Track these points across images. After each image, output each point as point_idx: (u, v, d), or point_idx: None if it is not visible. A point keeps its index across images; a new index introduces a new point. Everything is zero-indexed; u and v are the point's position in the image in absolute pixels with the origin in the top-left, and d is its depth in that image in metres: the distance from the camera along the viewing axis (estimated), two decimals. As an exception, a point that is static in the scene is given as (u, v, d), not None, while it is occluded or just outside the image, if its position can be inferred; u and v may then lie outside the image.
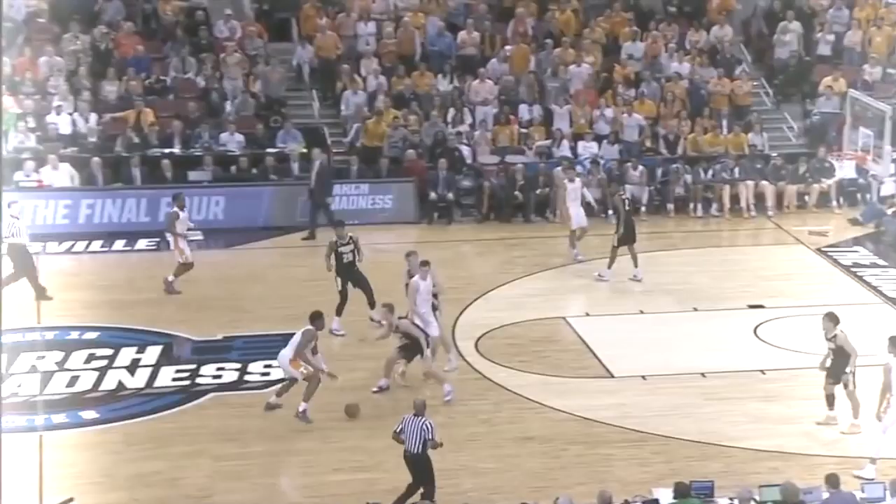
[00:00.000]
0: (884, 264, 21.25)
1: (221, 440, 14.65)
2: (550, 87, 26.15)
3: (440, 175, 23.82)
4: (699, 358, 16.92)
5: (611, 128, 25.42)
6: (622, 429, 14.85)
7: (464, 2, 27.87)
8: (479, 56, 26.74)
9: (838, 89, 25.94)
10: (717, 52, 27.22)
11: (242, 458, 14.21)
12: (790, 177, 24.54)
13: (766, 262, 21.32)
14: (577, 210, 20.68)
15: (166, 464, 14.01)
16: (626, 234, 19.78)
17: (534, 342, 17.58)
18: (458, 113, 25.41)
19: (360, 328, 17.61)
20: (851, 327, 15.20)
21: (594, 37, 27.17)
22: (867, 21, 27.71)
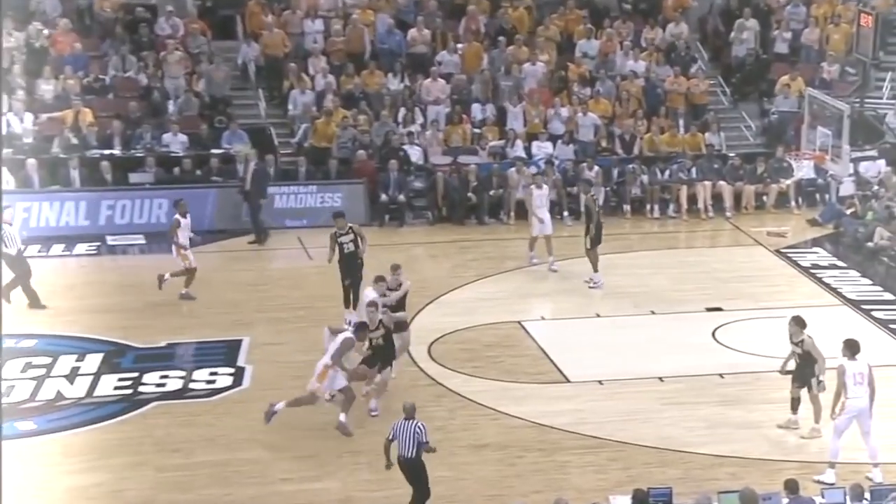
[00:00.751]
0: (843, 266, 21.53)
1: (165, 450, 14.56)
2: (504, 86, 26.24)
3: (391, 176, 23.83)
4: (657, 362, 17.05)
5: (566, 127, 25.56)
6: (579, 435, 14.92)
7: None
8: (430, 54, 26.79)
9: (796, 88, 26.25)
10: (672, 50, 27.45)
11: (187, 468, 14.13)
12: (748, 177, 24.80)
13: (725, 264, 21.52)
14: (543, 216, 20.64)
15: (108, 476, 13.90)
16: (598, 236, 19.85)
17: (488, 347, 17.63)
18: (409, 112, 25.44)
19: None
20: (811, 329, 15.38)
21: (548, 34, 27.32)
22: (825, 18, 28.08)
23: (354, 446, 14.74)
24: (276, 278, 20.74)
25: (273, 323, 18.58)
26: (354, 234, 17.97)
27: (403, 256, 21.53)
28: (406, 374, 16.51)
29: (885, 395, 15.81)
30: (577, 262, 21.22)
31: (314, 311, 19.01)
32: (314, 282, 20.37)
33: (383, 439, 12.91)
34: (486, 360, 17.16)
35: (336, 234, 17.99)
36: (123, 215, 22.90)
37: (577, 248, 22.13)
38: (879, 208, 22.77)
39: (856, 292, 20.07)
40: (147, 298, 19.32)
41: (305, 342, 17.74)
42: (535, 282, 20.39)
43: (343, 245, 17.91)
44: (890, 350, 17.75)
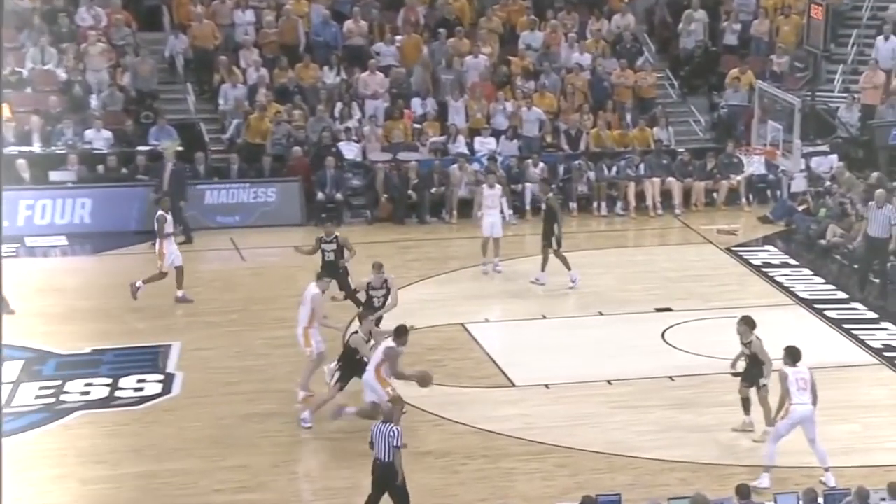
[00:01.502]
0: (795, 264, 21.78)
1: (90, 462, 14.40)
2: (444, 80, 26.27)
3: (328, 173, 23.77)
4: (605, 365, 17.14)
5: (509, 122, 25.64)
6: (524, 441, 14.96)
7: (350, -12, 27.93)
8: (367, 46, 26.76)
9: (746, 81, 26.53)
10: (618, 43, 27.64)
11: (113, 480, 14.00)
12: (698, 173, 25.03)
13: (674, 263, 21.70)
14: (492, 219, 20.55)
15: (29, 489, 13.70)
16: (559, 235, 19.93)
17: (430, 350, 17.62)
18: (345, 107, 25.38)
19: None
20: (763, 329, 15.55)
21: (490, 26, 27.39)
22: (774, 9, 28.40)
23: (289, 456, 14.67)
24: (207, 280, 20.59)
25: (205, 327, 18.45)
26: (338, 245, 18.13)
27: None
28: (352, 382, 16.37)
29: (838, 396, 16.15)
30: (521, 262, 21.31)
31: (248, 314, 18.92)
32: (248, 284, 20.28)
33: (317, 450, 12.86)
34: (429, 364, 17.04)
35: (322, 238, 18.22)
36: (44, 215, 22.64)
37: (522, 248, 22.31)
38: (832, 205, 23.07)
39: (808, 291, 20.32)
40: (70, 303, 19.10)
41: (239, 347, 17.66)
42: (478, 283, 20.41)
43: (325, 252, 18.13)
44: (843, 350, 18.00)
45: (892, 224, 19.95)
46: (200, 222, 22.96)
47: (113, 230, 22.53)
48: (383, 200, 23.84)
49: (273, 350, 17.60)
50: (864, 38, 28.31)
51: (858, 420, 15.64)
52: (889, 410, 15.96)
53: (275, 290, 19.77)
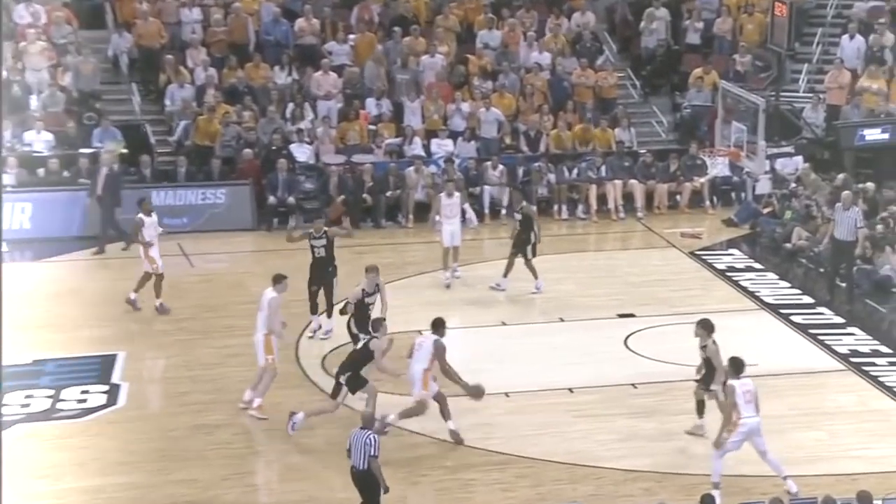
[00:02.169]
0: (760, 268, 21.99)
1: (31, 476, 14.28)
2: (400, 80, 26.31)
3: (279, 177, 23.73)
4: (566, 372, 17.22)
5: (467, 124, 25.71)
6: (484, 451, 15.00)
7: (302, -15, 27.93)
8: (319, 45, 26.75)
9: (710, 81, 26.75)
10: (578, 41, 27.78)
11: (56, 496, 13.93)
12: (660, 175, 25.21)
13: (637, 268, 21.83)
14: (452, 228, 20.47)
15: (-33, 507, 13.57)
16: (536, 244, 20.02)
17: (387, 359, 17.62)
18: (297, 108, 25.36)
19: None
20: (728, 335, 15.71)
21: (447, 24, 27.47)
22: (738, 8, 28.66)
23: (241, 469, 14.63)
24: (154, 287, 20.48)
25: (152, 336, 18.37)
26: (328, 241, 18.12)
27: (293, 263, 21.39)
28: (298, 389, 16.43)
29: (804, 403, 16.37)
30: (480, 268, 21.38)
31: (198, 322, 18.87)
32: (197, 291, 20.21)
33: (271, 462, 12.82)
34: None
35: (311, 235, 18.19)
36: (-19, 221, 22.44)
37: (480, 253, 22.38)
38: (798, 207, 23.30)
39: (774, 296, 20.52)
40: (10, 312, 18.87)
41: (189, 356, 17.60)
42: (436, 289, 20.44)
43: (314, 249, 18.12)
44: (809, 356, 18.18)
45: (859, 227, 20.19)
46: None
47: (54, 236, 22.38)
48: (336, 202, 23.81)
49: (224, 359, 17.55)
50: (829, 36, 28.64)
51: (825, 427, 15.81)
52: (856, 417, 16.14)
53: (225, 297, 19.72)
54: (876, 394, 16.82)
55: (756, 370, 16.76)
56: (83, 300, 19.61)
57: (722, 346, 15.11)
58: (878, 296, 20.46)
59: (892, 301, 20.43)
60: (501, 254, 22.35)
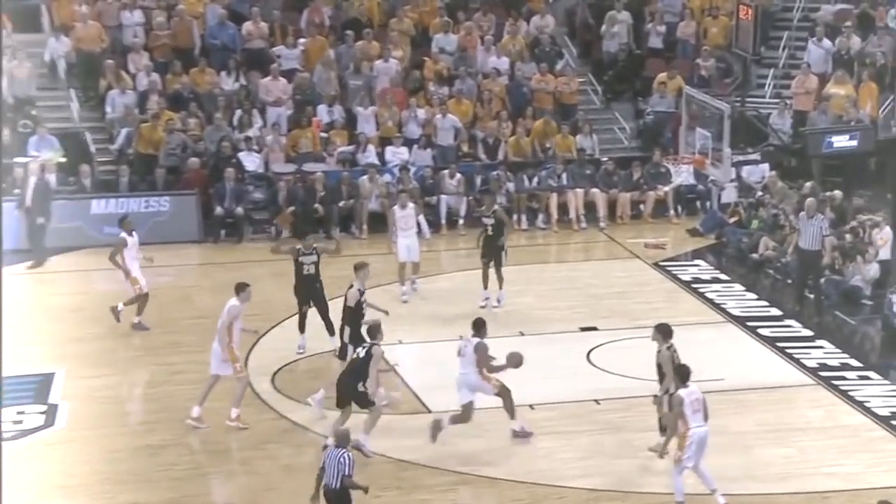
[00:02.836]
0: (726, 279, 22.11)
1: (-34, 503, 14.11)
2: (353, 85, 26.31)
3: (227, 186, 23.65)
4: (527, 388, 17.15)
5: (423, 131, 25.74)
6: (441, 470, 14.98)
7: (249, -13, 27.90)
8: (268, 49, 26.71)
9: (674, 86, 26.91)
10: (537, 45, 27.88)
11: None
12: (623, 184, 25.32)
13: (599, 279, 21.91)
14: (407, 241, 20.33)
15: None
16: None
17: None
18: (245, 115, 25.30)
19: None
20: (694, 349, 15.77)
21: (401, 28, 27.51)
22: (701, 11, 28.90)
23: (189, 491, 14.54)
24: (95, 302, 20.34)
25: (92, 353, 18.24)
26: (318, 257, 18.02)
27: (242, 276, 21.30)
28: (245, 407, 16.34)
29: (773, 419, 16.46)
30: (436, 280, 21.38)
31: (143, 338, 18.74)
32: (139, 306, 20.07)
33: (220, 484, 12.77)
34: (338, 389, 17.13)
35: (299, 250, 18.06)
36: None
37: (438, 265, 22.40)
38: (765, 216, 23.46)
39: (740, 308, 20.64)
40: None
41: (134, 374, 17.47)
42: (391, 302, 20.35)
43: (304, 266, 17.97)
44: (777, 370, 18.30)
45: (825, 235, 20.35)
46: (86, 235, 22.70)
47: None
48: (284, 213, 23.74)
49: (169, 377, 17.46)
50: (796, 40, 28.91)
51: (794, 444, 15.89)
52: (826, 433, 16.25)
53: (170, 312, 19.61)
54: (846, 409, 16.92)
55: (722, 385, 16.98)
56: (18, 316, 19.37)
57: (687, 360, 15.14)
58: (847, 307, 20.62)
59: (862, 312, 20.61)
60: (459, 265, 22.46)
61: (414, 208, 20.84)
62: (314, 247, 18.23)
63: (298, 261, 18.00)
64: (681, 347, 15.18)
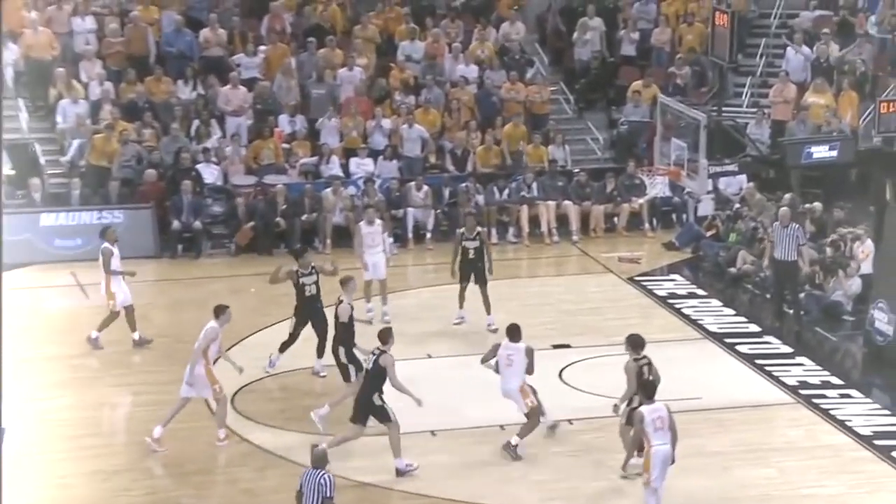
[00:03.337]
0: (703, 294, 22.19)
1: None
2: (315, 95, 26.30)
3: (184, 199, 23.57)
4: (497, 408, 17.12)
5: (388, 141, 25.75)
6: (407, 494, 14.98)
7: (207, -8, 27.87)
8: (226, 57, 26.67)
9: (649, 95, 27.00)
10: (506, 53, 27.94)
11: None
12: (596, 196, 25.39)
13: (572, 295, 21.95)
14: (374, 259, 20.12)
15: None
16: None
17: (302, 395, 17.60)
18: (203, 125, 25.24)
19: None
20: (669, 367, 15.80)
21: (366, 35, 27.53)
22: (676, 17, 29.03)
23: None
24: (44, 321, 20.23)
25: (39, 374, 18.11)
26: (318, 276, 17.97)
27: (201, 293, 21.36)
28: (205, 430, 16.27)
29: (752, 438, 16.51)
30: (403, 296, 21.36)
31: (93, 358, 18.62)
32: (93, 324, 19.92)
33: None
34: (301, 410, 17.03)
35: (298, 272, 17.94)
36: None
37: (405, 281, 22.40)
38: (743, 229, 23.55)
39: (718, 324, 20.71)
40: None
41: (86, 396, 17.35)
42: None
43: (305, 287, 17.92)
44: (756, 388, 18.35)
45: (801, 244, 20.44)
46: (36, 248, 22.57)
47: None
48: (244, 227, 23.68)
49: (122, 398, 17.35)
50: (774, 48, 29.08)
51: (774, 464, 15.95)
52: (806, 453, 16.31)
53: (124, 330, 19.48)
54: (827, 428, 16.99)
55: (700, 404, 17.03)
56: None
57: (664, 378, 15.20)
58: (828, 323, 20.72)
59: (843, 328, 20.71)
60: (426, 281, 22.48)
61: (381, 225, 20.68)
62: (312, 266, 18.19)
63: (300, 283, 17.92)
64: (657, 365, 15.24)
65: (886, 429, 16.90)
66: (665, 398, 14.78)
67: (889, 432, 16.79)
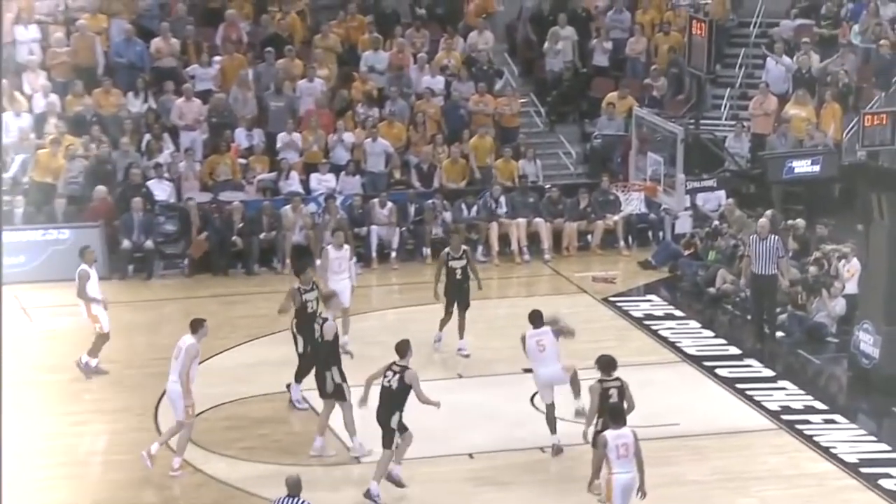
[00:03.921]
0: (681, 315, 22.26)
1: None
2: (274, 107, 26.30)
3: (135, 217, 23.52)
4: (466, 435, 17.24)
5: (351, 156, 25.76)
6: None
7: (158, 1, 27.75)
8: (180, 68, 26.64)
9: (624, 107, 27.11)
10: (474, 64, 28.01)
11: None
12: (569, 213, 25.46)
13: (544, 316, 21.97)
14: (339, 285, 19.62)
15: None
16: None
17: (259, 423, 17.54)
18: (155, 140, 25.19)
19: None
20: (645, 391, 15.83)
21: (326, 44, 27.56)
22: (652, 26, 29.19)
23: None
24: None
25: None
26: (318, 290, 17.94)
27: (153, 315, 21.30)
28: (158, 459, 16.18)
29: (732, 466, 16.56)
30: (366, 319, 21.33)
31: (38, 386, 18.51)
32: (37, 350, 19.86)
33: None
34: (259, 438, 17.05)
35: (300, 289, 17.95)
36: None
37: (368, 302, 22.36)
38: (722, 247, 23.65)
39: (696, 347, 20.78)
40: None
41: (29, 425, 17.20)
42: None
43: (307, 304, 17.86)
44: (737, 413, 18.42)
45: (780, 256, 20.55)
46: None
47: None
48: (198, 238, 23.58)
49: (67, 428, 17.25)
50: (753, 58, 29.28)
51: (755, 493, 16.00)
52: (789, 481, 16.37)
53: (71, 357, 19.37)
54: (810, 455, 17.07)
55: (677, 430, 17.08)
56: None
57: (639, 403, 15.24)
58: (811, 345, 20.83)
59: (827, 351, 20.82)
60: (391, 303, 22.49)
61: (349, 250, 20.35)
62: (313, 281, 18.24)
63: (303, 301, 17.92)
64: (633, 390, 15.27)
65: (873, 456, 17.00)
66: (641, 424, 14.86)
67: (875, 459, 16.88)
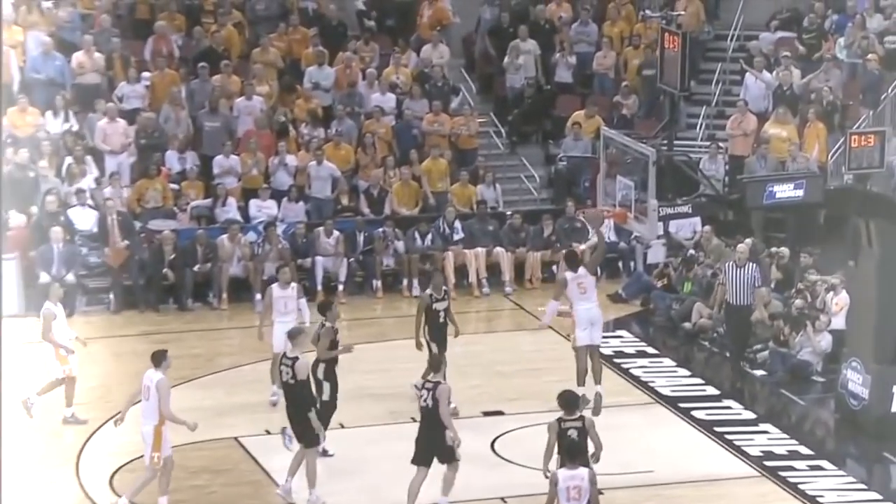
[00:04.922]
0: (654, 352, 22.39)
1: None
2: (209, 128, 26.31)
3: (54, 249, 23.44)
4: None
5: (294, 181, 25.78)
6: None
7: (80, 12, 27.70)
8: (104, 85, 26.61)
9: (590, 127, 27.24)
10: (427, 80, 28.10)
11: None
12: (532, 241, 25.58)
13: (505, 354, 22.08)
14: (285, 328, 18.61)
15: None
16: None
17: (194, 474, 17.50)
18: (77, 163, 25.13)
19: None
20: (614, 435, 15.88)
21: (266, 59, 27.61)
22: (621, 39, 29.36)
23: None
24: None
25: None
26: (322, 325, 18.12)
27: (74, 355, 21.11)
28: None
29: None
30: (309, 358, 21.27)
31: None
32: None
33: None
34: (193, 490, 17.02)
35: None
36: None
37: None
38: (699, 278, 23.76)
39: (671, 386, 20.91)
40: None
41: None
42: (257, 385, 20.28)
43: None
44: (716, 459, 18.50)
45: (757, 286, 20.66)
46: None
47: None
48: (118, 246, 23.56)
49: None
50: (731, 73, 29.48)
51: (735, 546, 16.13)
52: (773, 534, 16.51)
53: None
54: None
55: (651, 477, 17.15)
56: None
57: (609, 448, 15.30)
58: (795, 385, 20.94)
59: (813, 391, 20.93)
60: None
61: (296, 289, 20.02)
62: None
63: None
64: (601, 434, 15.32)
65: (862, 504, 17.14)
66: (612, 471, 14.94)
67: (865, 508, 17.02)
